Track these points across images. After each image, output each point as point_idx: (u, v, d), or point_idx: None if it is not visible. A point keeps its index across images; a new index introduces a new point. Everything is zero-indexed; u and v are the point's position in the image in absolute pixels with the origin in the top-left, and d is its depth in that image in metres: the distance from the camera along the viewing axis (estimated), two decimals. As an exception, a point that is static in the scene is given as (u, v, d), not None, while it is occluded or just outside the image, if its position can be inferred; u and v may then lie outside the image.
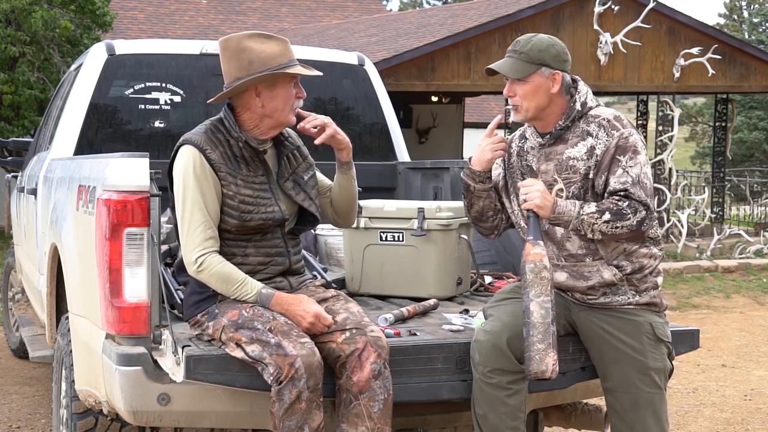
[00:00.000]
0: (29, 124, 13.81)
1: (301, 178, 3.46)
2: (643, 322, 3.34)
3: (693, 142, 39.42)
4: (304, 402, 3.03)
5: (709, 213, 16.04)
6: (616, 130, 3.29)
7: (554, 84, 3.32)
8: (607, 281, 3.33)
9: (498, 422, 3.27)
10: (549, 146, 3.38)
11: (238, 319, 3.16)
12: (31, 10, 13.15)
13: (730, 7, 43.57)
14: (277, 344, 3.06)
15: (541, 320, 3.13)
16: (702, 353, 7.56)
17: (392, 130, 5.51)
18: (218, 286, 3.25)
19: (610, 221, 3.17)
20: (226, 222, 3.27)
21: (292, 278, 3.43)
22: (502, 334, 3.28)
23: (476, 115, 23.87)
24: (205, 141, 3.27)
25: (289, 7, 23.51)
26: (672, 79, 15.21)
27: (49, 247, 4.30)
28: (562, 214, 3.22)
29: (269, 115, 3.31)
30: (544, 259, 3.17)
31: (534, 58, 3.31)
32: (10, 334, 7.20)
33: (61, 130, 4.94)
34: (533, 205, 3.21)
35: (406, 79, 13.91)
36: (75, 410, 3.62)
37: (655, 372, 3.33)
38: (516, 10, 14.68)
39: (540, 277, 3.15)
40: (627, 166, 3.23)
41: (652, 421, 3.32)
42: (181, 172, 3.26)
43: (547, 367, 3.13)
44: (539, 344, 3.13)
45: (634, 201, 3.19)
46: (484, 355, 3.27)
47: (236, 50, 3.28)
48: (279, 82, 3.29)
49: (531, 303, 3.15)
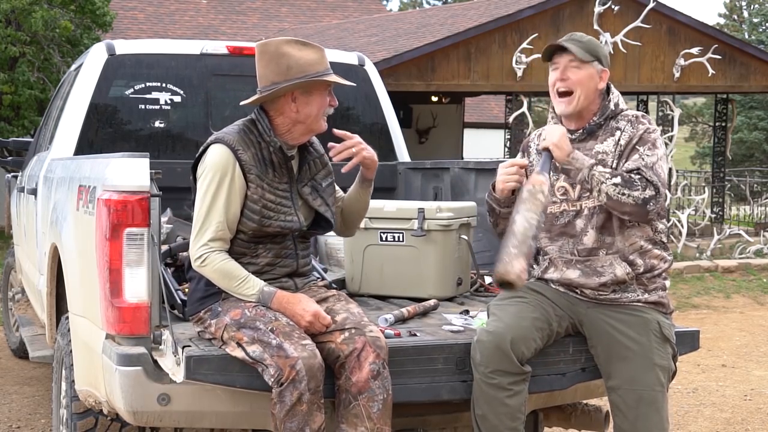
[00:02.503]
0: (29, 124, 13.82)
1: (319, 184, 3.47)
2: (651, 320, 3.39)
3: (693, 142, 39.42)
4: (305, 404, 3.03)
5: (709, 213, 16.04)
6: (641, 124, 3.42)
7: (601, 81, 3.45)
8: (619, 279, 3.37)
9: (497, 423, 3.27)
10: (579, 141, 3.45)
11: (241, 319, 3.16)
12: (31, 10, 13.15)
13: (730, 7, 43.56)
14: (279, 345, 3.06)
15: (522, 230, 3.19)
16: (702, 353, 7.55)
17: (392, 130, 5.51)
18: (220, 282, 3.25)
19: (618, 185, 3.26)
20: (244, 224, 3.27)
21: (298, 279, 3.44)
22: (506, 335, 3.28)
23: (476, 115, 23.88)
24: (238, 141, 3.28)
25: (289, 7, 23.50)
26: (672, 79, 15.22)
27: (49, 247, 4.30)
28: (575, 160, 3.32)
29: (302, 121, 3.32)
30: (543, 186, 3.25)
31: (591, 49, 3.44)
32: (10, 334, 7.20)
33: (61, 130, 4.94)
34: (550, 143, 3.32)
35: (406, 79, 13.91)
36: (75, 410, 3.62)
37: (660, 369, 3.35)
38: (516, 10, 14.69)
39: (535, 198, 3.23)
40: (644, 153, 3.35)
41: (654, 418, 3.32)
42: (210, 170, 3.25)
43: (513, 269, 3.13)
44: (512, 249, 3.16)
45: (645, 179, 3.28)
46: (486, 356, 3.27)
47: (275, 55, 3.29)
48: (315, 89, 3.30)
49: (518, 215, 3.22)
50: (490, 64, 14.44)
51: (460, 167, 4.93)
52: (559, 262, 3.47)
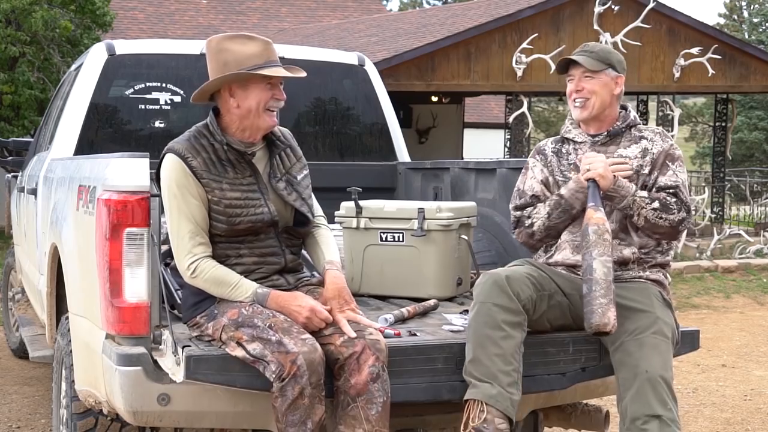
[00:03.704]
0: (29, 124, 13.82)
1: (294, 177, 3.45)
2: (653, 289, 3.48)
3: (693, 142, 39.42)
4: (307, 398, 3.04)
5: (709, 213, 16.04)
6: (670, 139, 3.58)
7: (617, 86, 3.59)
8: (625, 257, 3.48)
9: (489, 364, 3.21)
10: (601, 145, 3.58)
11: (238, 318, 3.16)
12: (32, 10, 13.15)
13: (730, 7, 43.56)
14: (279, 342, 3.06)
15: (603, 277, 3.26)
16: (702, 353, 7.56)
17: (392, 130, 5.51)
18: (213, 290, 3.26)
19: (657, 209, 3.40)
20: (215, 227, 3.28)
21: (290, 276, 3.43)
22: (501, 273, 3.37)
23: (476, 115, 23.88)
24: (187, 149, 3.28)
25: (289, 7, 23.51)
26: (672, 79, 15.22)
27: (49, 247, 4.30)
28: (620, 188, 3.42)
29: (245, 116, 3.31)
30: (606, 224, 3.34)
31: (603, 58, 3.57)
32: (10, 334, 7.20)
33: (61, 130, 4.94)
34: (596, 174, 3.41)
35: (406, 79, 13.91)
36: (75, 410, 3.62)
37: (663, 323, 3.38)
38: (516, 10, 14.69)
39: (603, 239, 3.30)
40: (676, 170, 3.50)
41: (656, 360, 3.27)
42: (165, 182, 3.28)
43: (609, 320, 3.22)
44: (602, 299, 3.23)
45: (680, 200, 3.42)
46: (484, 292, 3.33)
47: (215, 51, 3.31)
48: (252, 83, 3.28)
49: (594, 261, 3.28)
50: (490, 64, 14.44)
51: (460, 167, 4.93)
52: (568, 247, 3.55)
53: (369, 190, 4.67)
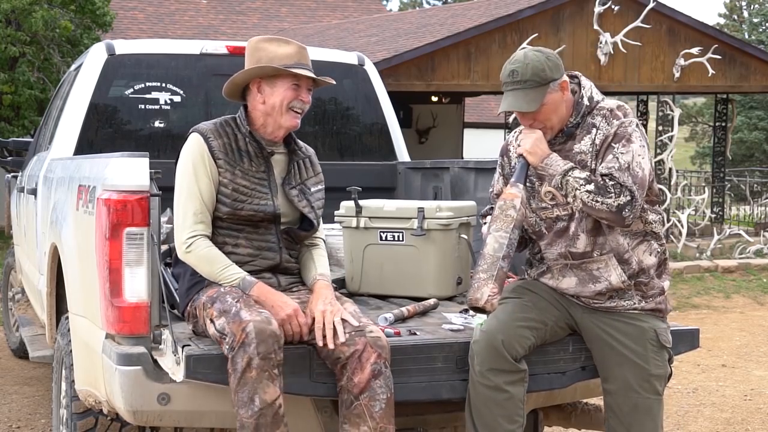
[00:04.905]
0: (29, 124, 13.82)
1: (308, 188, 3.53)
2: (648, 329, 3.35)
3: (693, 142, 39.44)
4: (255, 370, 2.97)
5: (709, 213, 16.04)
6: (616, 119, 3.30)
7: (564, 92, 3.32)
8: (614, 286, 3.34)
9: (495, 425, 3.26)
10: (560, 144, 3.37)
11: (214, 294, 3.22)
12: (32, 10, 13.15)
13: (730, 7, 43.57)
14: (236, 313, 3.08)
15: (491, 252, 3.16)
16: (702, 353, 7.56)
17: (392, 130, 5.51)
18: (203, 268, 3.31)
19: (592, 192, 3.17)
20: (219, 209, 3.36)
21: (282, 277, 3.46)
22: (497, 333, 3.28)
23: (476, 115, 23.88)
24: (211, 131, 3.40)
25: (289, 7, 23.50)
26: (672, 79, 15.20)
27: (49, 247, 4.30)
28: (548, 166, 3.26)
29: (269, 113, 3.41)
30: (515, 200, 3.21)
31: (540, 80, 3.25)
32: (10, 334, 7.20)
33: (61, 130, 4.94)
34: (523, 149, 3.29)
35: (406, 79, 13.90)
36: (75, 410, 3.62)
37: (656, 379, 3.35)
38: (516, 10, 14.68)
39: (505, 214, 3.20)
40: (618, 152, 3.23)
41: (649, 426, 3.34)
42: (183, 158, 3.39)
43: (482, 296, 3.11)
44: (482, 273, 3.14)
45: (618, 184, 3.18)
46: (481, 355, 3.28)
47: (252, 49, 3.44)
48: (279, 80, 3.39)
49: (489, 236, 3.20)
50: (490, 64, 14.43)
51: (460, 167, 4.93)
52: (555, 270, 3.44)
53: (369, 189, 4.67)
